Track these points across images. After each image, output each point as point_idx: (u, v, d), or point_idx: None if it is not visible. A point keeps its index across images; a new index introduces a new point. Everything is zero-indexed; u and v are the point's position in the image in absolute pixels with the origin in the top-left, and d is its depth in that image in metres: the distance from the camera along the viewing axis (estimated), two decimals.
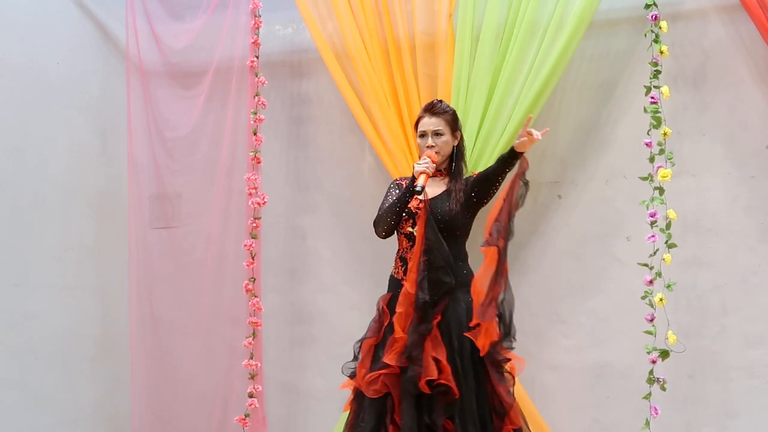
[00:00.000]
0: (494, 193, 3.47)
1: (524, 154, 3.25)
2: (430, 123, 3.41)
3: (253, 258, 4.30)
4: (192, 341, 4.51)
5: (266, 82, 4.36)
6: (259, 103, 4.35)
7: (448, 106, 3.50)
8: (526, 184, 3.24)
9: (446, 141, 3.41)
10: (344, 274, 4.48)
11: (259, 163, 4.35)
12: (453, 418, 3.23)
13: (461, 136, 3.53)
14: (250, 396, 4.25)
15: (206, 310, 4.49)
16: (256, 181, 4.33)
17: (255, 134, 4.35)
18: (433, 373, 3.21)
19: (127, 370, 4.58)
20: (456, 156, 3.42)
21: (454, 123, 3.47)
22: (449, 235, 3.35)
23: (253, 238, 4.31)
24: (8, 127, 4.44)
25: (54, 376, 4.55)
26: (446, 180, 3.46)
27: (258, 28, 4.36)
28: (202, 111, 4.56)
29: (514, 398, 3.34)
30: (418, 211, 3.34)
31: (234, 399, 4.36)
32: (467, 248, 3.58)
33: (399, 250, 3.54)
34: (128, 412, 4.58)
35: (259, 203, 4.32)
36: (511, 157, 3.30)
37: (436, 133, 3.39)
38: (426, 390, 3.21)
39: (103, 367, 4.73)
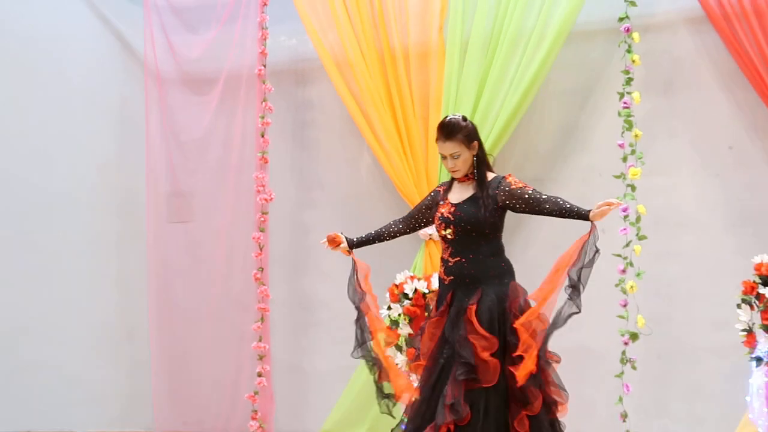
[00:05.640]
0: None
1: (594, 223, 3.25)
2: (445, 147, 3.43)
3: (261, 249, 4.48)
4: (205, 326, 4.66)
5: (272, 88, 4.54)
6: (267, 108, 4.53)
7: (458, 123, 3.41)
8: (598, 251, 3.24)
9: (465, 159, 3.43)
10: (344, 265, 4.41)
11: (266, 163, 4.52)
12: (474, 406, 3.23)
13: (480, 143, 3.50)
14: (259, 375, 4.43)
15: (218, 298, 4.64)
16: (264, 180, 4.51)
17: (262, 136, 4.54)
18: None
19: (147, 353, 4.75)
20: (477, 163, 3.45)
21: (468, 138, 3.44)
22: (479, 234, 3.40)
23: (261, 231, 4.50)
24: (35, 132, 4.69)
25: (81, 359, 4.79)
26: (473, 184, 3.47)
27: (265, 39, 4.55)
28: (213, 115, 4.72)
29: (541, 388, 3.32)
30: (450, 217, 3.40)
31: (244, 378, 4.53)
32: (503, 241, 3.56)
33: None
34: (148, 391, 4.75)
35: (266, 200, 4.50)
36: (579, 218, 3.26)
37: (453, 156, 3.43)
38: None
39: (126, 350, 4.92)
